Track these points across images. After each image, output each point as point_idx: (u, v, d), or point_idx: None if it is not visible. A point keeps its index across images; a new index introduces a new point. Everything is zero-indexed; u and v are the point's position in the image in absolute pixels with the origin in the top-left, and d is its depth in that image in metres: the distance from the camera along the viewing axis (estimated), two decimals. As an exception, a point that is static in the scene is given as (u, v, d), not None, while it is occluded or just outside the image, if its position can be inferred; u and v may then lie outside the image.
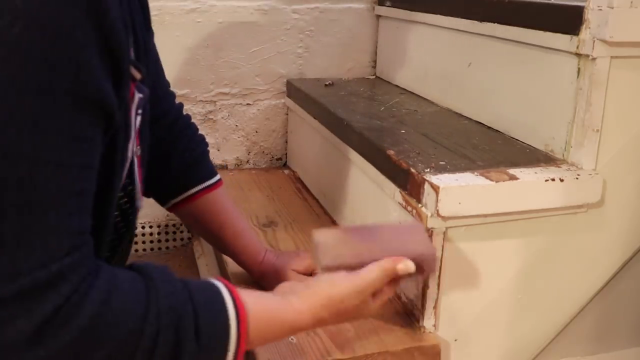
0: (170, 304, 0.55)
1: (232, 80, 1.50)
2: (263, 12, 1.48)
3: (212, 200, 0.91)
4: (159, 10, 1.40)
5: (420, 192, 0.84)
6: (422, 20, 1.32)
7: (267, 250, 0.95)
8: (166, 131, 0.88)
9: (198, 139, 0.94)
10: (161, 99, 0.88)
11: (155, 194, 0.91)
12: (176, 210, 0.92)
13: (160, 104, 0.86)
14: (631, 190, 0.93)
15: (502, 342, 0.93)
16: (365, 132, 1.05)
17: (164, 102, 0.89)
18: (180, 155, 0.89)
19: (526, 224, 0.88)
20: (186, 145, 0.90)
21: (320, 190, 1.33)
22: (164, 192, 0.91)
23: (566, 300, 0.95)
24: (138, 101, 0.63)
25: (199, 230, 0.98)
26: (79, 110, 0.49)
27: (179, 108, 0.93)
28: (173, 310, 0.55)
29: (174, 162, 0.89)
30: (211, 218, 0.91)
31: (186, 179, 0.90)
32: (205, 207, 0.91)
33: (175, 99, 0.93)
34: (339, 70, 1.58)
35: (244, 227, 0.95)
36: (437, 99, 1.29)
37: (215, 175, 0.92)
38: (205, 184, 0.90)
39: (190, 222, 0.95)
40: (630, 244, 0.96)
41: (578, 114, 0.89)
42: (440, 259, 0.84)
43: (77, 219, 0.51)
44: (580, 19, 0.87)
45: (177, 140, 0.90)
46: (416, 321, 0.88)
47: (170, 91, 0.92)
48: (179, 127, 0.91)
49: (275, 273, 0.91)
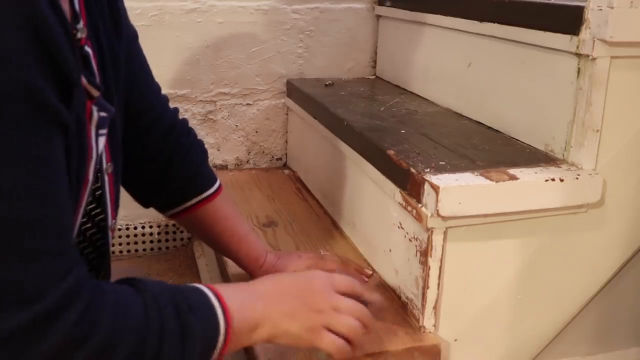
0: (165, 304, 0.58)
1: (232, 80, 1.50)
2: (263, 12, 1.48)
3: (212, 209, 0.90)
4: (159, 10, 1.40)
5: (420, 192, 0.84)
6: (422, 20, 1.32)
7: (268, 252, 0.94)
8: (162, 141, 0.86)
9: (196, 147, 0.91)
10: (151, 106, 0.85)
11: (155, 204, 0.90)
12: (176, 218, 0.92)
13: (151, 112, 0.84)
14: (631, 190, 0.93)
15: (502, 342, 0.93)
16: (365, 132, 1.05)
17: (156, 108, 0.86)
18: (179, 166, 0.87)
19: (526, 224, 0.88)
20: (184, 156, 0.88)
21: (320, 190, 1.33)
22: (164, 202, 0.90)
23: (566, 300, 0.95)
24: (98, 120, 0.61)
25: (200, 237, 0.98)
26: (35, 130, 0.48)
27: (173, 113, 0.89)
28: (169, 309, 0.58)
29: (173, 174, 0.87)
30: (211, 226, 0.91)
31: (186, 190, 0.89)
32: (205, 216, 0.90)
33: (168, 103, 0.89)
34: (339, 70, 1.58)
35: (245, 231, 0.93)
36: (437, 99, 1.29)
37: (214, 182, 0.91)
38: (204, 194, 0.89)
39: (190, 229, 0.96)
40: (630, 244, 0.96)
41: (578, 114, 0.89)
42: (440, 259, 0.84)
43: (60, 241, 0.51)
44: (580, 19, 0.87)
45: (174, 151, 0.87)
46: (416, 321, 0.88)
47: (162, 96, 0.88)
48: (175, 136, 0.87)
49: None
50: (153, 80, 0.86)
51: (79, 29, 0.59)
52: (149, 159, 0.85)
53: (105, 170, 0.67)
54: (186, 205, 0.89)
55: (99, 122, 0.60)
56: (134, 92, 0.78)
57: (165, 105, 0.88)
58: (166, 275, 1.44)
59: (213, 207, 0.90)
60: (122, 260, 1.50)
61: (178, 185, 0.88)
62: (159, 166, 0.86)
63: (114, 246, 1.49)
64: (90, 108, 0.59)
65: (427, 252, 0.84)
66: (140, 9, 1.38)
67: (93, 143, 0.61)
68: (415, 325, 0.87)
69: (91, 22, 0.63)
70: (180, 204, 0.89)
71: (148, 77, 0.85)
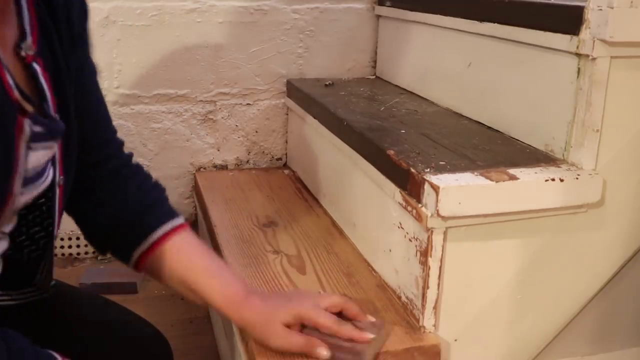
0: None
1: (232, 80, 1.50)
2: (263, 12, 1.48)
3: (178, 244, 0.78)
4: (159, 10, 1.40)
5: (421, 192, 0.84)
6: (422, 20, 1.32)
7: (250, 292, 0.78)
8: (111, 175, 0.79)
9: (152, 183, 0.83)
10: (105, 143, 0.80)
11: (116, 248, 0.81)
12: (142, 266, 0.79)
13: (104, 148, 0.80)
14: (631, 190, 0.93)
15: (502, 342, 0.93)
16: (365, 132, 1.05)
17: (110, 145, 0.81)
18: (132, 198, 0.79)
19: (526, 224, 0.88)
20: (137, 188, 0.80)
21: (320, 190, 1.33)
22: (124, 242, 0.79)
23: (566, 300, 0.95)
24: (31, 134, 0.60)
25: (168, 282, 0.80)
26: None
27: (127, 157, 0.83)
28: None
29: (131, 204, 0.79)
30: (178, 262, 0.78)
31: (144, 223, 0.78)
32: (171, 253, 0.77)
33: (123, 147, 0.83)
34: (339, 70, 1.58)
35: (219, 265, 0.80)
36: (437, 99, 1.29)
37: (177, 216, 0.80)
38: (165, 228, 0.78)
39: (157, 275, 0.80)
40: (630, 244, 0.96)
41: (578, 114, 0.89)
42: (440, 259, 0.84)
43: None
44: (580, 19, 0.87)
45: (126, 184, 0.80)
46: (416, 321, 0.88)
47: (117, 139, 0.82)
48: (125, 173, 0.81)
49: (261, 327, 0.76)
50: (109, 118, 0.81)
51: (23, 47, 0.62)
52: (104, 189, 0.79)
53: (57, 183, 0.68)
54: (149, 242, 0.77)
55: (32, 137, 0.61)
56: (90, 124, 0.75)
57: (120, 148, 0.83)
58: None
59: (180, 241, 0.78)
60: (122, 260, 1.50)
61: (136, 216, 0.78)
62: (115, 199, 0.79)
63: (114, 246, 1.49)
64: (22, 122, 0.59)
65: (427, 252, 0.84)
66: (140, 9, 1.39)
67: (21, 157, 0.60)
68: (415, 325, 0.87)
69: (45, 38, 0.65)
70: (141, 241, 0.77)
71: (105, 113, 0.80)
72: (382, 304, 0.93)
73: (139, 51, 1.41)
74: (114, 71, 1.42)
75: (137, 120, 1.46)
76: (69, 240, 1.48)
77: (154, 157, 1.50)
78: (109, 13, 1.38)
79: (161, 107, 1.47)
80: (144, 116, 1.47)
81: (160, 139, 1.49)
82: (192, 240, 0.79)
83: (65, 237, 1.48)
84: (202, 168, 1.54)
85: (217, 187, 1.42)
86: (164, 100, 1.47)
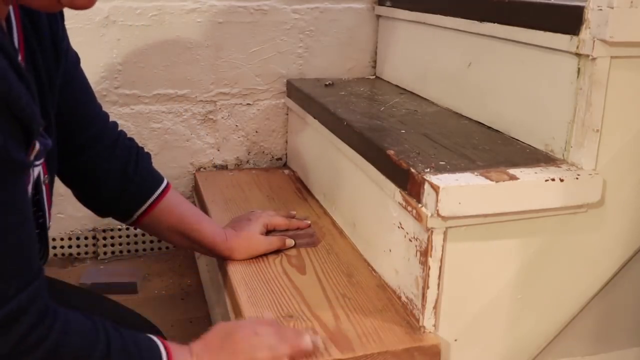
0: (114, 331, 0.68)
1: (232, 80, 1.50)
2: (263, 12, 1.48)
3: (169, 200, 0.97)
4: (159, 10, 1.40)
5: (420, 192, 0.84)
6: (422, 20, 1.32)
7: (225, 228, 1.04)
8: (108, 154, 0.92)
9: (141, 149, 0.97)
10: (94, 121, 0.91)
11: (118, 211, 0.96)
12: (140, 221, 0.96)
13: (90, 129, 0.90)
14: (631, 190, 0.93)
15: (502, 342, 0.93)
16: (365, 132, 1.05)
17: (99, 122, 0.92)
18: (134, 168, 0.93)
19: (526, 224, 0.88)
20: (136, 157, 0.94)
21: (320, 190, 1.33)
22: (127, 208, 0.95)
23: (566, 300, 0.96)
24: (37, 152, 0.65)
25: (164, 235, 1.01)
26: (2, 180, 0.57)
27: (113, 127, 0.95)
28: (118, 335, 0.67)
29: (131, 176, 0.93)
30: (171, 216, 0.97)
31: (144, 190, 0.95)
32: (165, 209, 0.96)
33: (108, 119, 0.95)
34: (339, 70, 1.58)
35: (204, 217, 1.02)
36: (437, 99, 1.29)
37: (163, 179, 0.98)
38: (160, 189, 0.96)
39: (154, 228, 0.99)
40: (630, 244, 0.96)
41: (578, 114, 0.89)
42: (440, 259, 0.84)
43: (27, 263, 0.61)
44: (580, 19, 0.87)
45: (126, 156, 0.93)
46: (416, 321, 0.88)
47: (102, 112, 0.94)
48: (122, 142, 0.94)
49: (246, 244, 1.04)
50: (94, 98, 0.92)
51: None
52: (103, 167, 0.91)
53: (42, 182, 0.74)
54: (149, 203, 0.95)
55: (38, 154, 0.65)
56: (77, 108, 0.87)
57: (106, 121, 0.94)
58: (166, 275, 1.44)
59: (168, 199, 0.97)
60: (122, 260, 1.50)
61: (137, 186, 0.94)
62: (115, 172, 0.92)
63: (114, 246, 1.50)
64: (34, 142, 0.63)
65: (427, 252, 0.84)
66: (140, 9, 1.39)
67: (31, 172, 0.68)
68: (415, 325, 0.87)
69: (29, 53, 0.69)
70: (142, 204, 0.95)
71: (90, 96, 0.91)
72: (382, 304, 0.93)
73: (139, 51, 1.41)
74: (114, 71, 1.41)
75: (137, 120, 1.46)
76: (69, 240, 1.48)
77: (154, 157, 1.47)
78: (109, 13, 1.38)
79: (161, 107, 1.47)
80: (144, 116, 1.47)
81: (160, 139, 1.49)
82: (178, 197, 1.00)
83: (65, 237, 1.48)
84: (202, 168, 1.54)
85: (217, 187, 1.42)
86: (164, 100, 1.47)
